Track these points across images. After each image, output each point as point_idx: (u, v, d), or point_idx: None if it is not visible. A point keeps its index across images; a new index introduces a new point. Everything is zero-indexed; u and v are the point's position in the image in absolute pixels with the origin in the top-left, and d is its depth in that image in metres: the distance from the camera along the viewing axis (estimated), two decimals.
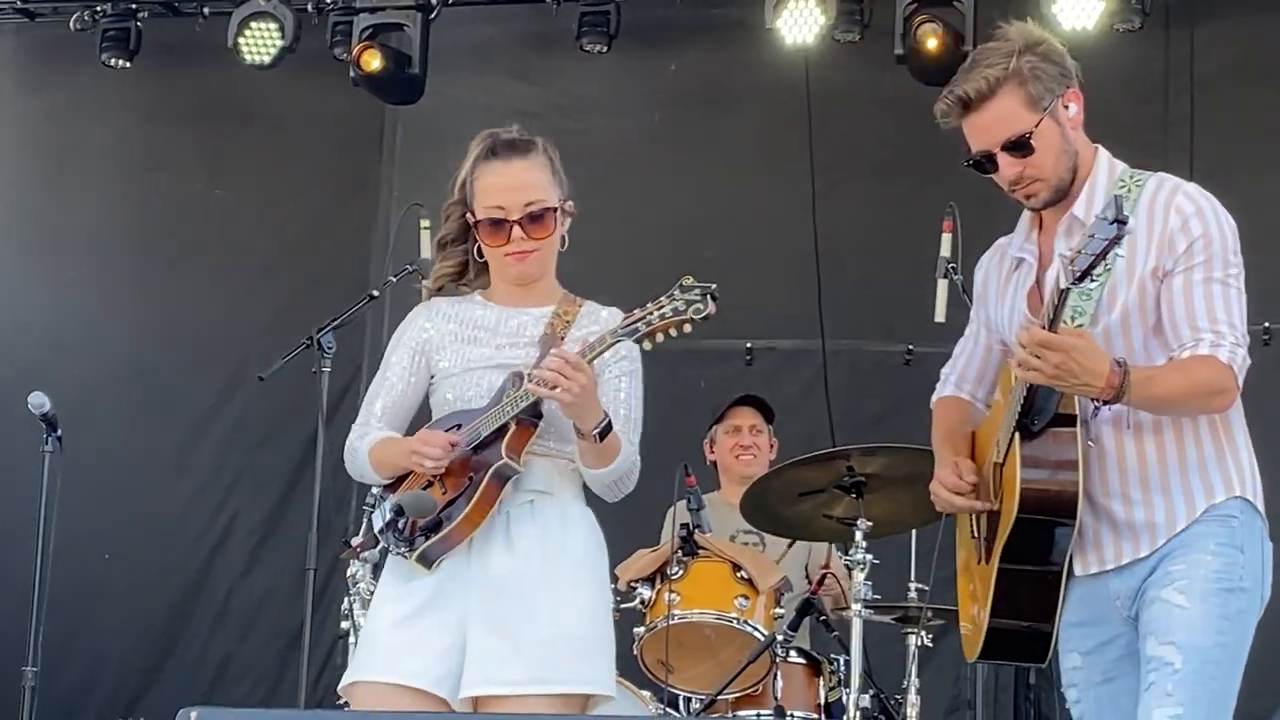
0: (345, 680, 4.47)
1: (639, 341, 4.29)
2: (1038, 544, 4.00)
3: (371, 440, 4.57)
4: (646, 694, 6.51)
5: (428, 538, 4.30)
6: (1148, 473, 3.98)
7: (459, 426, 4.42)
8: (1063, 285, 3.71)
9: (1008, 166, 4.05)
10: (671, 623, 6.47)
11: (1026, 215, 4.27)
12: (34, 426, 7.38)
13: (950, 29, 9.18)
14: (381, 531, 4.46)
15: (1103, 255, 3.58)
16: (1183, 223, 3.94)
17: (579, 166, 9.67)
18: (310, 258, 10.00)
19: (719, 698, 6.48)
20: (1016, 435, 4.00)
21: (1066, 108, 4.07)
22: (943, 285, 6.82)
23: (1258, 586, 3.89)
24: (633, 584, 6.67)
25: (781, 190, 9.65)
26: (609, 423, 4.26)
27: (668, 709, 6.67)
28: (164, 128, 10.58)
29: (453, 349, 4.59)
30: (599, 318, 4.59)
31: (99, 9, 10.28)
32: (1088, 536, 4.01)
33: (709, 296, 4.16)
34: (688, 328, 4.18)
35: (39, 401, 7.23)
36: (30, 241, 10.81)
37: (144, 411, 9.58)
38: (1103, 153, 4.20)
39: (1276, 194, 8.21)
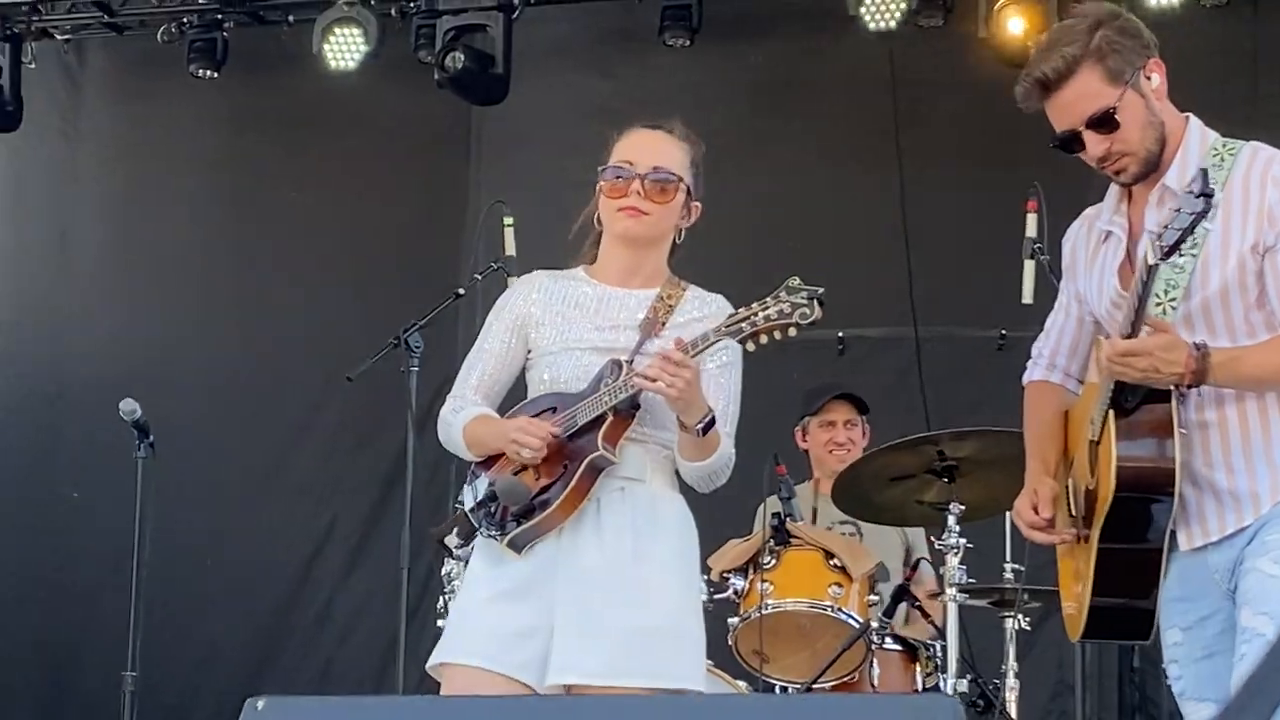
0: (434, 659, 4.49)
1: (743, 342, 4.30)
2: (1137, 521, 3.97)
3: (467, 416, 4.58)
4: (742, 684, 6.50)
5: (519, 524, 4.30)
6: (1250, 441, 3.94)
7: (554, 409, 4.43)
8: (1150, 261, 3.68)
9: (1094, 144, 4.01)
10: (765, 612, 6.46)
11: (1115, 187, 4.22)
12: (128, 436, 7.37)
13: (1035, 9, 9.08)
14: (473, 511, 4.47)
15: (1190, 230, 3.60)
16: (1264, 186, 3.92)
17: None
18: (401, 259, 10.05)
19: (815, 686, 6.42)
20: (1111, 414, 3.96)
21: (1148, 78, 4.02)
22: (1029, 266, 6.80)
23: None
24: (725, 574, 6.67)
25: (868, 177, 9.66)
26: (713, 417, 4.25)
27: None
28: (252, 136, 10.70)
29: (552, 326, 4.59)
30: (706, 303, 4.61)
31: (185, 21, 10.38)
32: (1191, 510, 3.97)
33: (815, 301, 4.18)
34: (792, 331, 4.20)
35: (130, 408, 7.26)
36: (122, 253, 11.02)
37: (241, 417, 9.67)
38: (1194, 121, 4.13)
39: None
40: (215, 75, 10.37)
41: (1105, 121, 3.97)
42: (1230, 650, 3.97)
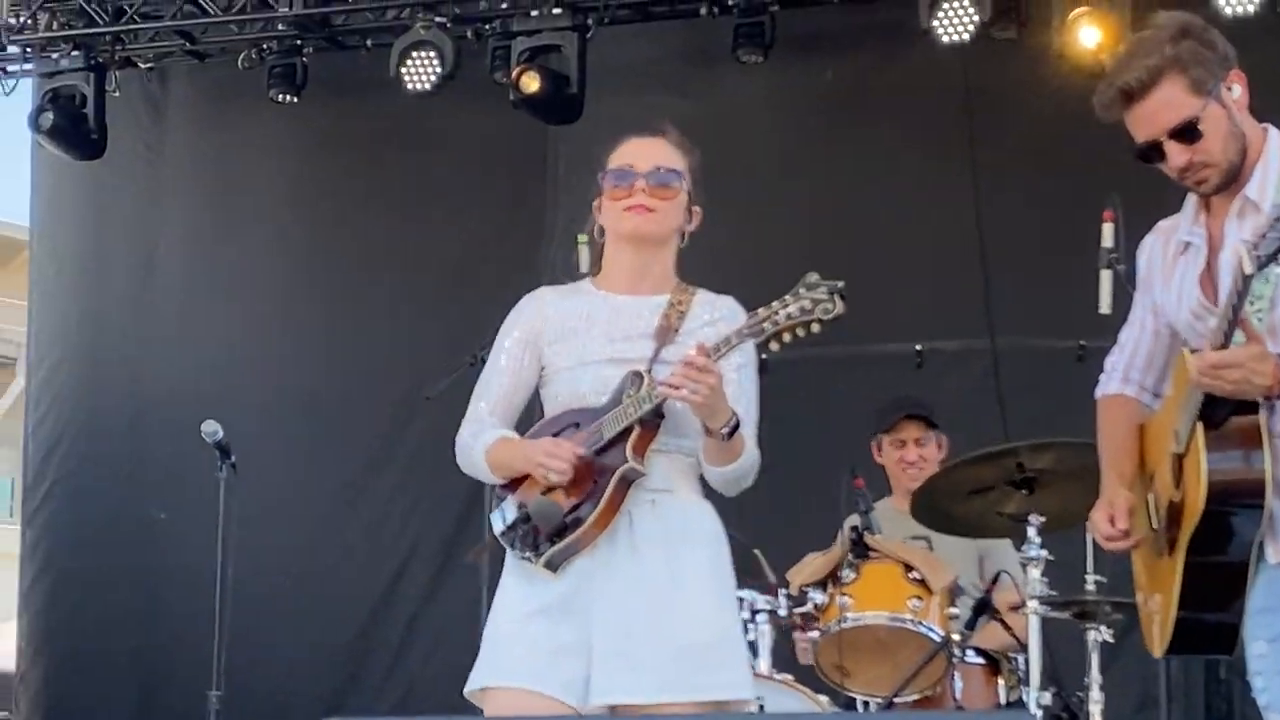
0: (472, 684, 4.46)
1: (765, 343, 4.26)
2: (1225, 534, 3.91)
3: (488, 440, 4.55)
4: (824, 698, 6.48)
5: (553, 543, 4.29)
6: None
7: (576, 425, 4.41)
8: (1247, 271, 3.62)
9: (1176, 154, 3.96)
10: (845, 626, 6.40)
11: (1193, 198, 4.16)
12: (210, 457, 7.43)
13: (1109, 19, 9.05)
14: (503, 534, 4.47)
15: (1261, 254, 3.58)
16: None
17: (742, 176, 9.81)
18: (479, 279, 9.99)
19: (897, 700, 6.35)
20: (1199, 426, 3.89)
21: (1230, 89, 3.98)
22: (1106, 276, 6.63)
23: None
24: (804, 588, 6.58)
25: (943, 190, 9.62)
26: (737, 421, 4.22)
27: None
28: (332, 159, 10.81)
29: (563, 342, 4.56)
30: (716, 306, 4.59)
31: (265, 47, 10.56)
32: (1279, 522, 3.91)
33: (837, 295, 4.11)
34: (815, 328, 4.13)
35: (211, 429, 7.31)
36: (206, 275, 11.10)
37: (322, 438, 9.74)
38: (1273, 132, 4.09)
39: None
40: (295, 100, 10.49)
41: (1188, 132, 3.93)
42: None
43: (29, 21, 10.78)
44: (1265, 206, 3.81)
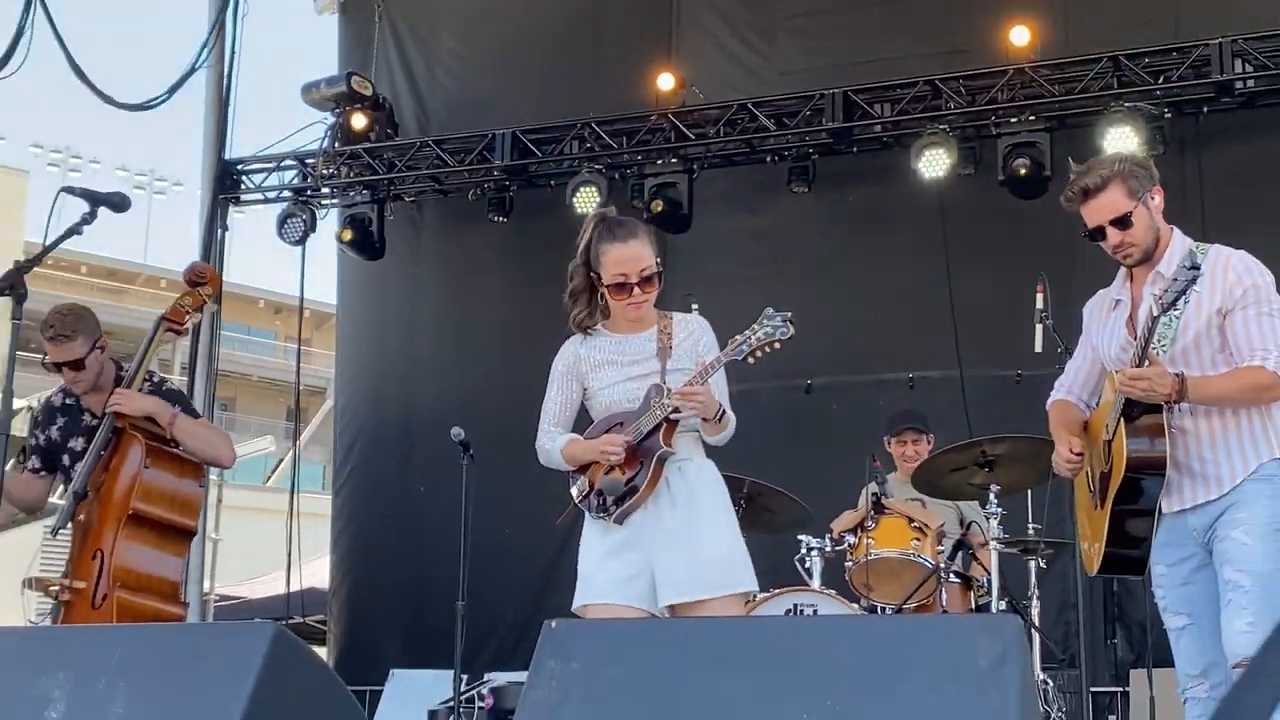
0: (575, 604, 4.49)
1: (743, 360, 4.41)
2: (1138, 493, 4.16)
3: (561, 442, 4.59)
4: (855, 606, 6.57)
5: (619, 505, 4.38)
6: (1215, 441, 4.09)
7: (620, 424, 4.47)
8: (1155, 313, 3.96)
9: (1113, 236, 4.20)
10: (869, 558, 6.58)
11: (1122, 270, 4.37)
12: (455, 451, 7.43)
13: (1034, 161, 9.27)
14: (581, 502, 4.55)
15: (1183, 292, 3.90)
16: (1237, 277, 4.09)
17: (792, 265, 10.20)
18: None
19: (904, 607, 6.51)
20: (1122, 421, 4.15)
21: (1153, 199, 4.22)
22: (1038, 328, 6.79)
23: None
24: (842, 534, 6.83)
25: (926, 273, 9.63)
26: (724, 410, 4.36)
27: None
28: (528, 256, 10.76)
29: (594, 373, 4.59)
30: (686, 322, 4.64)
31: (485, 186, 10.91)
32: (1174, 485, 4.13)
33: (788, 322, 4.36)
34: (777, 346, 4.38)
35: (457, 433, 7.33)
36: (448, 333, 11.42)
37: (524, 440, 9.23)
38: (1177, 231, 4.30)
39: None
40: (505, 219, 10.87)
41: (1123, 222, 4.17)
42: (1200, 582, 4.13)
43: (335, 172, 11.21)
44: (1172, 278, 3.99)
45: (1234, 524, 3.95)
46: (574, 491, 4.63)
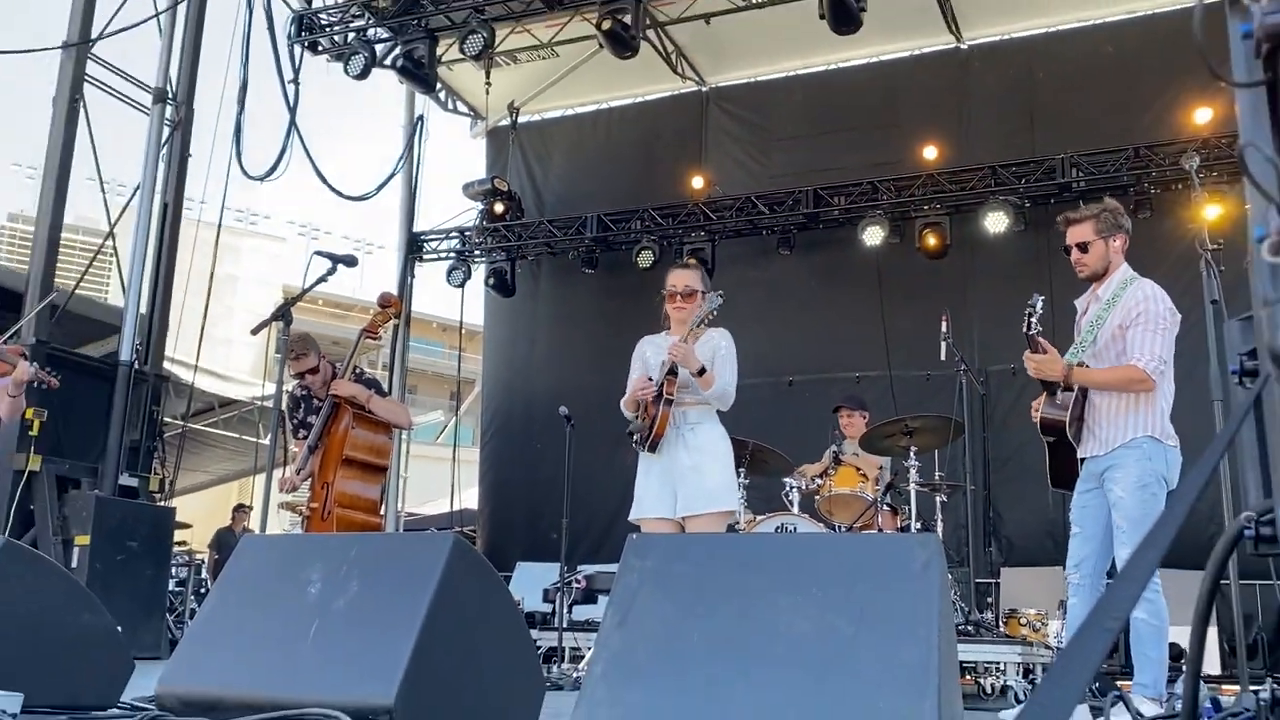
0: (631, 516, 4.42)
1: (698, 324, 4.28)
2: (1051, 439, 3.98)
3: (625, 399, 4.53)
4: (822, 525, 6.41)
5: (646, 439, 4.31)
6: (1105, 414, 3.87)
7: (650, 379, 4.37)
8: (1087, 325, 3.94)
9: (1074, 255, 4.00)
10: (831, 494, 6.52)
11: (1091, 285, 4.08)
12: (560, 422, 7.36)
13: (939, 235, 9.31)
14: (634, 441, 4.43)
15: (1036, 309, 3.93)
16: (1135, 302, 3.84)
17: (780, 305, 10.08)
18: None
19: (853, 526, 6.38)
20: (1045, 394, 3.99)
21: (1114, 241, 3.97)
22: (943, 345, 6.75)
23: (1159, 481, 3.75)
24: (814, 477, 6.70)
25: (867, 313, 9.52)
26: (703, 367, 4.18)
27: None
28: (610, 297, 10.67)
29: (648, 355, 4.52)
30: (712, 335, 4.46)
31: (579, 248, 10.81)
32: (1085, 440, 3.92)
33: (719, 297, 4.28)
34: (714, 315, 4.30)
35: (562, 409, 7.29)
36: (558, 347, 11.19)
37: (607, 413, 9.01)
38: (1126, 266, 4.01)
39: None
40: (592, 271, 10.78)
41: (1083, 247, 3.98)
42: (1090, 507, 3.92)
43: (483, 240, 11.19)
44: (1105, 297, 3.92)
45: (1114, 481, 3.79)
46: (630, 431, 4.56)
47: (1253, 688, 3.17)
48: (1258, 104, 0.73)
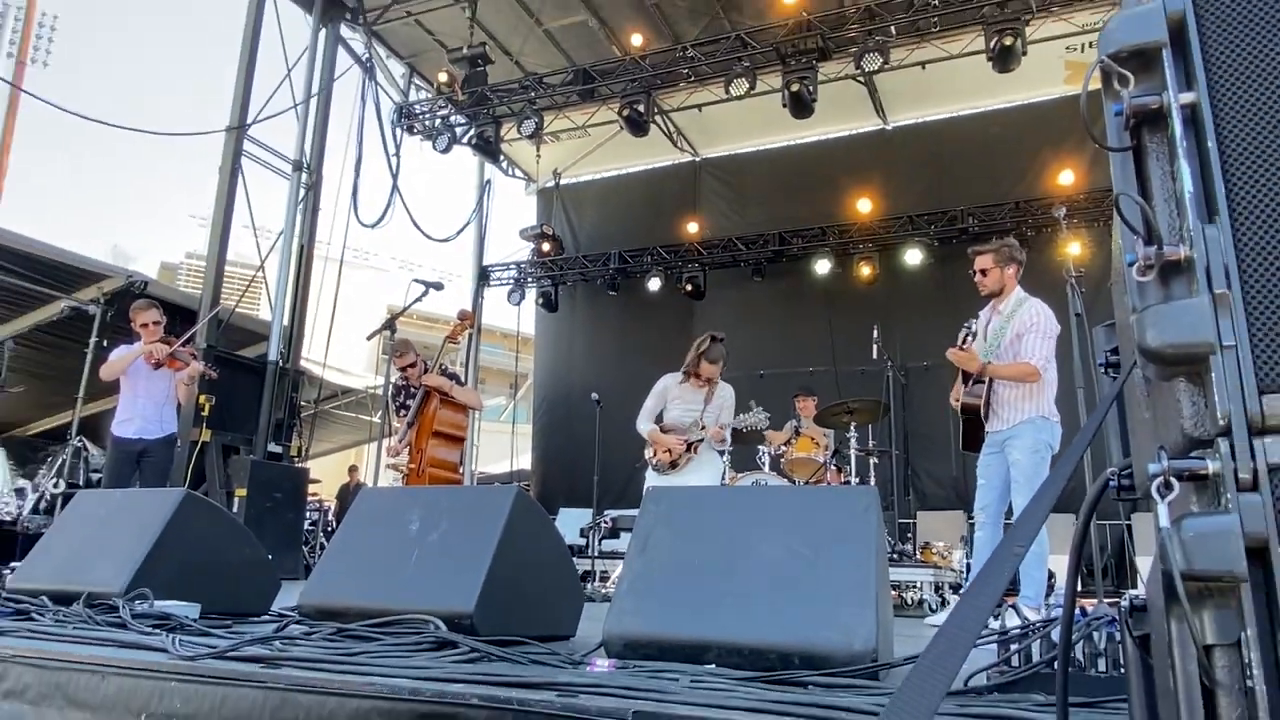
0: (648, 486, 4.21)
1: (734, 430, 4.13)
2: (968, 418, 3.85)
3: (648, 428, 4.38)
4: (786, 481, 6.23)
5: (671, 468, 4.29)
6: (1006, 400, 3.76)
7: (673, 430, 4.30)
8: (992, 330, 3.83)
9: (977, 277, 3.86)
10: (793, 457, 6.37)
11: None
12: (593, 405, 7.29)
13: (871, 268, 9.17)
14: (650, 460, 4.25)
15: (971, 330, 3.88)
16: (1027, 316, 3.73)
17: (754, 318, 9.77)
18: (662, 357, 9.29)
19: (809, 481, 6.19)
20: (962, 384, 3.90)
21: (1008, 269, 3.82)
22: (875, 348, 6.64)
23: (1046, 448, 3.64)
24: (779, 445, 6.52)
25: (817, 332, 9.41)
26: (725, 437, 4.12)
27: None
28: (629, 314, 10.57)
29: (673, 400, 4.41)
30: (724, 389, 4.36)
31: (605, 276, 10.64)
32: (991, 418, 3.80)
33: (765, 415, 4.29)
34: (755, 428, 4.29)
35: (594, 396, 7.27)
36: (595, 353, 10.84)
37: (628, 399, 8.61)
38: (1020, 289, 3.86)
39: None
40: (615, 293, 10.61)
41: (985, 272, 3.83)
42: (993, 465, 3.78)
43: (534, 270, 11.00)
44: (1005, 312, 3.80)
45: (1013, 448, 3.67)
46: (647, 453, 4.42)
47: (1106, 600, 3.18)
48: (1126, 163, 0.73)
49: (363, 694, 1.48)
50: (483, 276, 11.53)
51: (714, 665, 1.83)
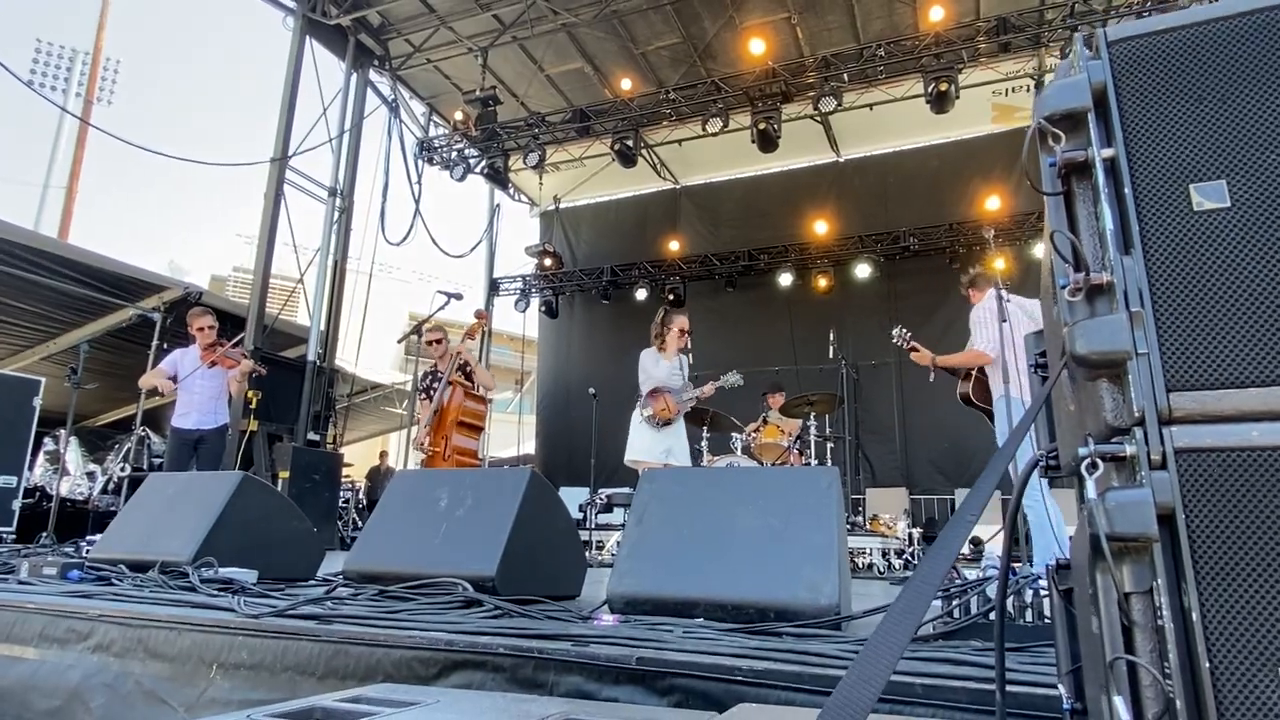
0: (627, 458, 4.19)
1: (714, 391, 4.05)
2: (977, 407, 3.67)
3: (650, 387, 4.27)
4: (756, 463, 5.94)
5: (668, 424, 4.21)
6: (987, 382, 3.63)
7: (669, 392, 4.17)
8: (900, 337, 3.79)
9: (963, 293, 3.83)
10: (762, 442, 6.28)
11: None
12: (589, 397, 7.09)
13: (828, 281, 9.00)
14: (647, 419, 4.28)
15: (904, 335, 3.80)
16: (974, 315, 3.62)
17: (728, 324, 9.72)
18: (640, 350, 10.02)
19: (776, 463, 5.86)
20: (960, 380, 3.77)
21: (975, 288, 3.76)
22: (831, 349, 6.65)
23: (1007, 416, 3.34)
24: (749, 432, 6.32)
25: (779, 325, 9.40)
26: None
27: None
28: (619, 318, 10.25)
29: (660, 368, 4.34)
30: (682, 357, 4.20)
31: (599, 287, 10.46)
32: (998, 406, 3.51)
33: (739, 375, 4.19)
34: (729, 387, 4.16)
35: (591, 390, 7.00)
36: (587, 350, 10.62)
37: (620, 392, 8.15)
38: (982, 300, 3.71)
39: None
40: (608, 302, 10.49)
41: (966, 297, 3.77)
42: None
43: (538, 282, 10.88)
44: (969, 317, 3.68)
45: (996, 430, 3.48)
46: (646, 411, 4.28)
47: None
48: (1059, 205, 0.76)
49: (405, 645, 1.51)
50: (493, 287, 11.40)
51: (702, 619, 1.86)
